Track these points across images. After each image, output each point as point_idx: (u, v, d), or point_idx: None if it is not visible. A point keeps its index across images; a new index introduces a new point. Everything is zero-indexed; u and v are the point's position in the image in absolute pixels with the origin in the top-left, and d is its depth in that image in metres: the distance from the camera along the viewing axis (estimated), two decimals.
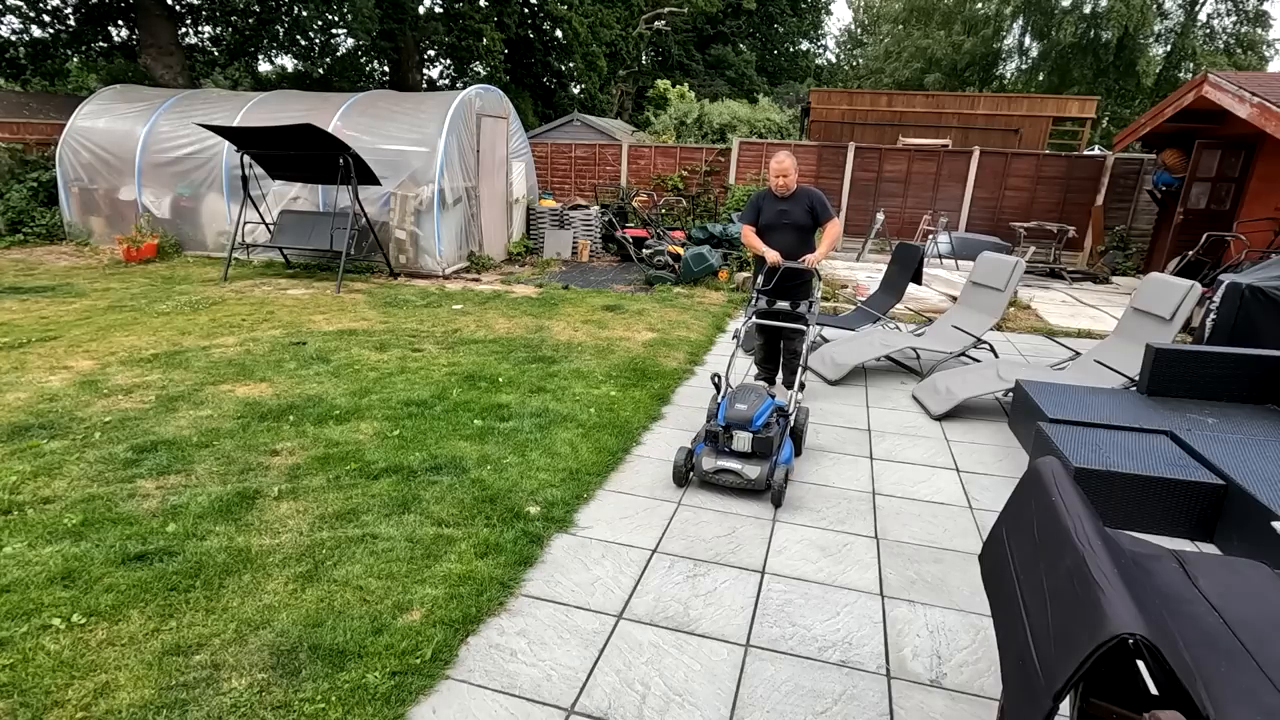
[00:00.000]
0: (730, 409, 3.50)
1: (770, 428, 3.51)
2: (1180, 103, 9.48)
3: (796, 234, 4.69)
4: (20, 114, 13.53)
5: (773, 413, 3.61)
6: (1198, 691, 1.31)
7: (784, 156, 4.59)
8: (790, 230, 4.68)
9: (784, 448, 3.62)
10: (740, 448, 3.46)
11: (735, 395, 3.59)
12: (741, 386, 3.71)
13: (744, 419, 3.43)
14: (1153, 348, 4.24)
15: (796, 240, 4.68)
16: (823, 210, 4.68)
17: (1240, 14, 27.02)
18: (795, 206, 4.66)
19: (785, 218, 4.68)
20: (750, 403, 3.51)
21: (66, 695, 2.07)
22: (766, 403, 3.56)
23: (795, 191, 4.69)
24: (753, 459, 3.45)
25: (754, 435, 3.42)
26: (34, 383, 4.64)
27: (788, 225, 4.68)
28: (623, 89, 30.06)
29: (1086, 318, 7.93)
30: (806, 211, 4.65)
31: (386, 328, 6.43)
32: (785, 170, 4.59)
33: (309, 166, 8.35)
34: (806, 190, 4.74)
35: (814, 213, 4.66)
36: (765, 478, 3.40)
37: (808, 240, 4.72)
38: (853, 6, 40.93)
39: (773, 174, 4.65)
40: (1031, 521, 1.75)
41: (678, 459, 3.53)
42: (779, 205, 4.69)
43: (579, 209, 11.42)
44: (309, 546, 2.88)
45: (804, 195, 4.69)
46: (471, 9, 20.77)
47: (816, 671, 2.33)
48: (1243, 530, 3.00)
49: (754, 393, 3.59)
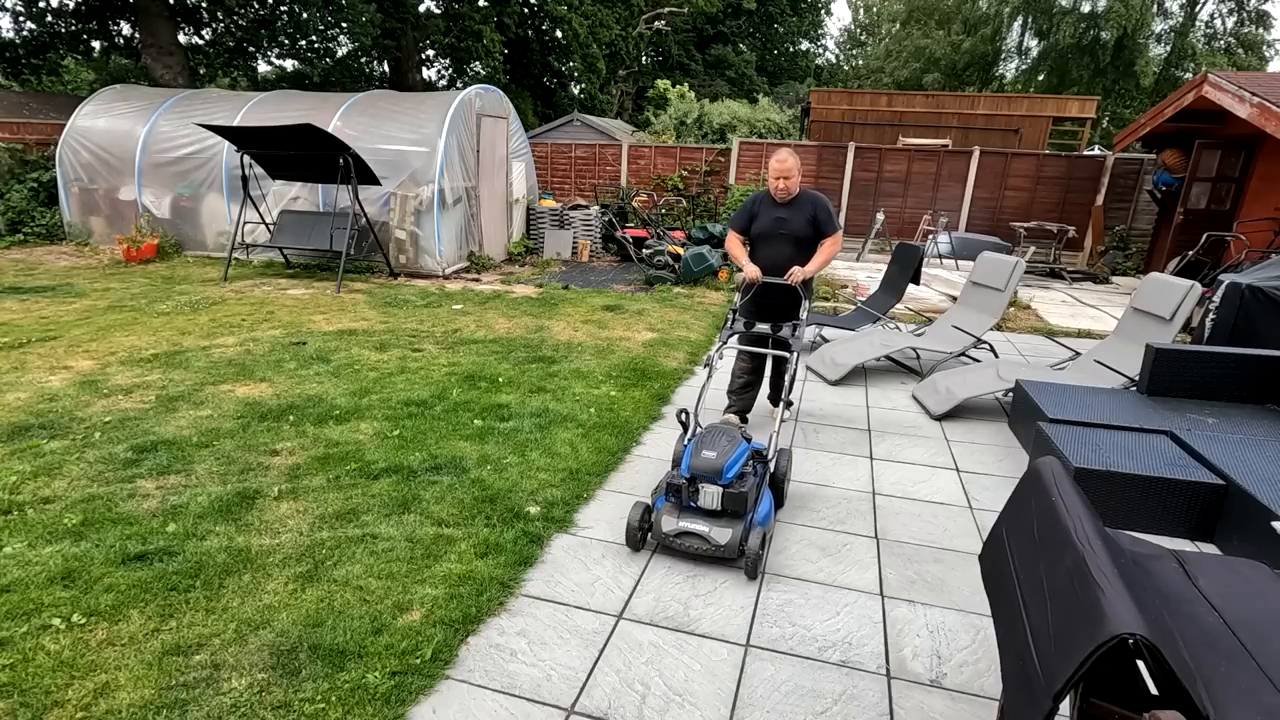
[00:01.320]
0: (696, 456, 2.89)
1: (745, 479, 2.93)
2: (1180, 103, 9.49)
3: (794, 247, 4.00)
4: (20, 114, 13.54)
5: (748, 460, 3.02)
6: (1198, 691, 1.31)
7: (786, 155, 3.92)
8: (787, 242, 4.01)
9: (762, 502, 3.02)
10: (708, 504, 2.87)
11: (703, 439, 3.00)
12: (711, 428, 3.11)
13: (712, 469, 2.83)
14: (1153, 348, 4.24)
15: (793, 254, 4.00)
16: (827, 221, 4.01)
17: (1241, 14, 27.03)
18: (796, 214, 4.00)
19: (783, 226, 4.00)
20: (721, 448, 2.92)
21: (66, 695, 2.07)
22: (741, 448, 2.97)
23: (798, 197, 4.03)
24: (723, 518, 2.88)
25: (724, 490, 2.84)
26: (34, 383, 4.64)
27: (785, 236, 4.01)
28: (623, 89, 30.07)
29: (1086, 318, 7.93)
30: (808, 221, 3.99)
31: (386, 328, 6.43)
32: (787, 171, 3.92)
33: (309, 166, 8.35)
34: (811, 196, 4.06)
35: (816, 223, 4.00)
36: (738, 543, 2.79)
37: (807, 255, 4.01)
38: (853, 6, 40.94)
39: (773, 175, 3.96)
40: (1031, 521, 1.75)
41: (632, 517, 2.91)
42: (777, 211, 4.03)
43: (579, 209, 11.42)
44: (309, 546, 2.88)
45: (807, 201, 4.02)
46: (471, 9, 20.77)
47: (816, 671, 2.33)
48: (1243, 530, 3.00)
49: (726, 436, 3.01)
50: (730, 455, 2.90)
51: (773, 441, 3.31)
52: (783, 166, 3.93)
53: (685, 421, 3.25)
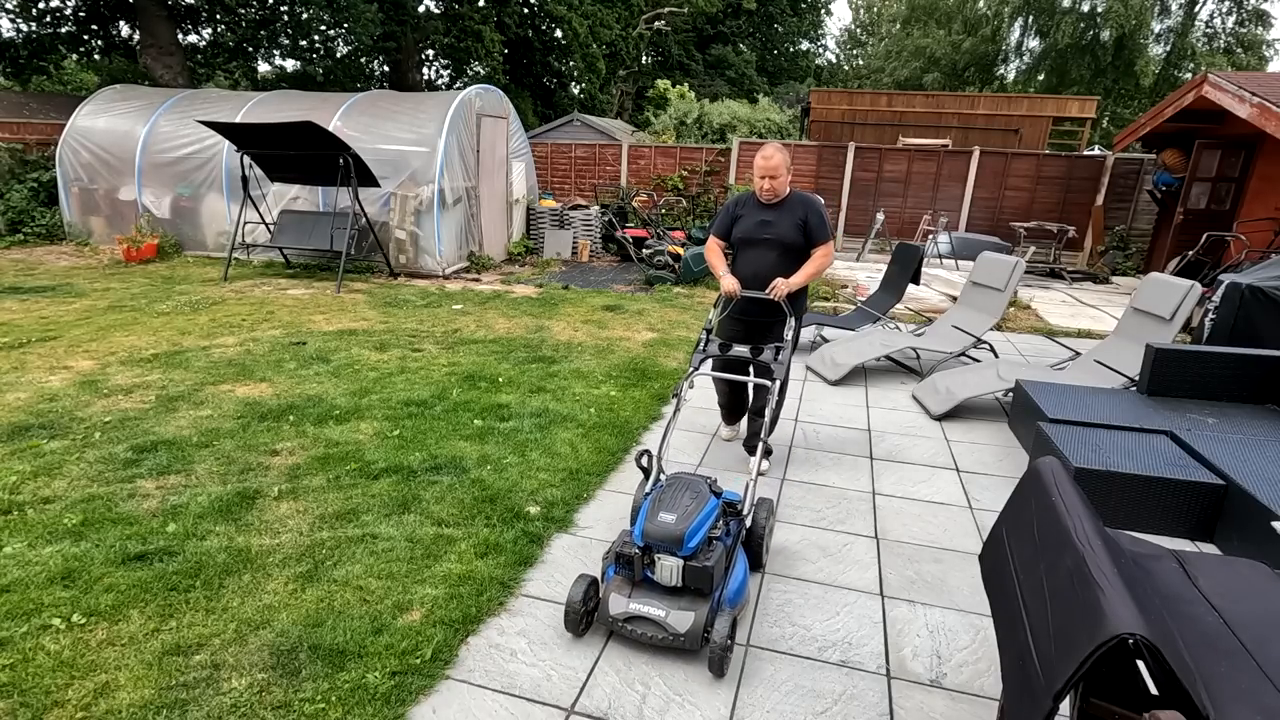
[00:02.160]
0: (651, 520, 2.35)
1: (712, 548, 2.38)
2: (1180, 103, 9.49)
3: (780, 255, 3.51)
4: (20, 114, 13.53)
5: (716, 521, 2.48)
6: (1198, 691, 1.31)
7: (773, 151, 3.43)
8: (771, 249, 3.52)
9: (734, 572, 2.50)
10: (665, 579, 2.32)
11: (661, 497, 2.45)
12: (674, 480, 2.56)
13: (671, 537, 2.29)
14: (1153, 348, 4.23)
15: (779, 263, 3.50)
16: (818, 227, 3.51)
17: (1240, 14, 27.02)
18: (783, 218, 3.50)
19: (767, 231, 3.51)
20: (682, 509, 2.37)
21: (66, 695, 2.07)
22: (708, 507, 2.44)
23: (786, 198, 3.54)
24: (684, 597, 2.33)
25: (686, 563, 2.30)
26: (34, 383, 4.64)
27: (770, 242, 3.51)
28: (623, 89, 30.07)
29: (1086, 318, 7.93)
30: (797, 226, 3.49)
31: (386, 328, 6.43)
32: (774, 169, 3.42)
33: (308, 167, 8.35)
34: (802, 198, 3.57)
35: (807, 229, 3.50)
36: (701, 630, 2.25)
37: (795, 266, 3.50)
38: (853, 6, 40.95)
39: (757, 173, 3.48)
40: (1031, 521, 1.75)
41: (573, 595, 2.38)
42: (761, 214, 3.54)
43: (579, 209, 11.42)
44: (309, 546, 2.88)
45: (797, 204, 3.53)
46: (471, 9, 20.78)
47: (816, 671, 2.33)
48: (1243, 530, 3.00)
49: (690, 491, 2.47)
50: (694, 518, 2.35)
51: (749, 492, 2.76)
52: (768, 164, 3.43)
53: (646, 467, 2.76)
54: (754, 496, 2.79)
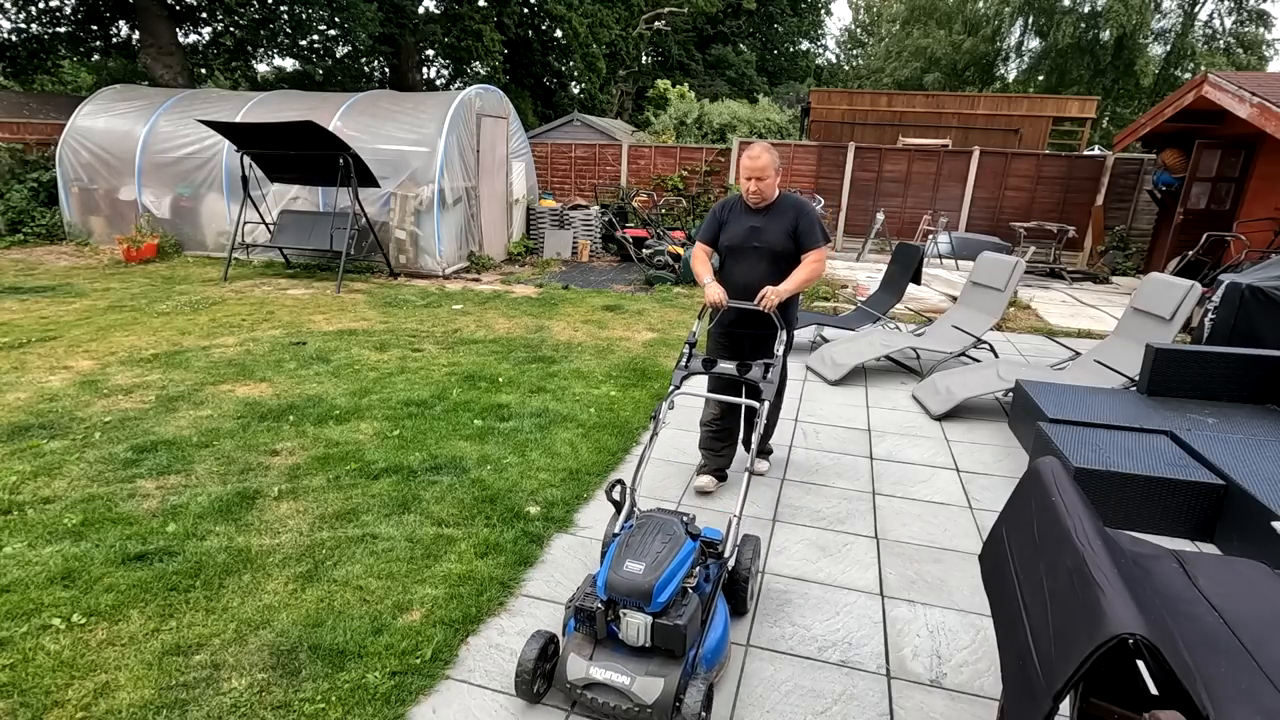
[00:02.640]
0: (616, 568, 2.05)
1: (686, 600, 2.07)
2: (1180, 103, 9.49)
3: (769, 264, 3.28)
4: (20, 114, 13.54)
5: (693, 567, 2.20)
6: (1198, 691, 1.31)
7: (760, 151, 3.17)
8: (760, 257, 3.29)
9: (713, 624, 2.20)
10: (632, 638, 2.03)
11: (629, 541, 2.14)
12: (646, 520, 2.25)
13: (639, 590, 1.99)
14: (1153, 348, 4.24)
15: (768, 272, 3.26)
16: (809, 232, 3.25)
17: (1240, 14, 27.02)
18: (773, 223, 3.26)
19: (756, 238, 3.28)
20: (653, 556, 2.07)
21: (66, 695, 2.07)
22: (682, 551, 2.13)
23: (776, 202, 3.29)
24: (653, 659, 2.03)
25: (655, 620, 2.00)
26: (34, 383, 4.64)
27: (759, 249, 3.28)
28: (623, 89, 30.06)
29: (1086, 318, 7.93)
30: (787, 232, 3.25)
31: (386, 328, 6.43)
32: (761, 169, 3.16)
33: (308, 167, 8.35)
34: (793, 201, 3.32)
35: (797, 234, 3.25)
36: (671, 701, 1.95)
37: (788, 274, 3.24)
38: (853, 6, 40.95)
39: (744, 174, 3.22)
40: (1031, 521, 1.75)
41: (525, 655, 2.08)
42: (749, 220, 3.30)
43: (579, 209, 11.42)
44: (309, 546, 2.88)
45: (787, 207, 3.29)
46: (471, 9, 20.77)
47: (816, 671, 2.33)
48: (1243, 530, 3.00)
49: (662, 533, 2.16)
50: (665, 566, 2.04)
51: (732, 529, 2.43)
52: (755, 164, 3.17)
53: (618, 500, 2.45)
54: (738, 535, 2.47)
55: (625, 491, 2.48)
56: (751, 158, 3.18)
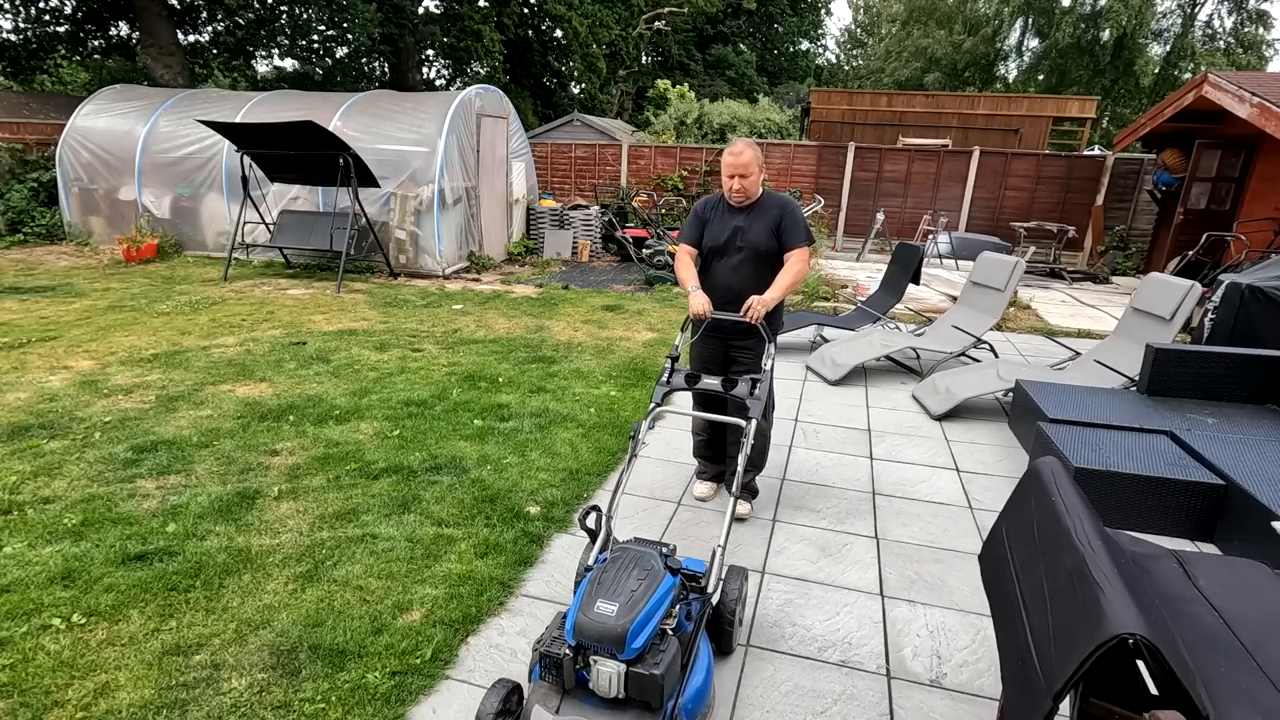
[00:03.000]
0: (586, 610, 1.84)
1: (664, 644, 1.88)
2: (1180, 103, 9.49)
3: (755, 266, 3.10)
4: (20, 114, 13.54)
5: (673, 605, 1.99)
6: (1197, 691, 1.31)
7: (743, 147, 3.02)
8: (746, 260, 3.10)
9: (695, 668, 1.98)
10: (603, 688, 1.82)
11: (602, 575, 1.94)
12: (621, 554, 2.04)
13: (611, 635, 1.78)
14: (1153, 348, 4.24)
15: (754, 275, 3.09)
16: (792, 230, 3.06)
17: (1240, 14, 27.02)
18: (757, 223, 3.09)
19: (740, 239, 3.10)
20: (626, 595, 1.86)
21: (66, 695, 2.07)
22: (660, 589, 1.92)
23: (760, 200, 3.13)
24: (627, 711, 1.83)
25: (628, 668, 1.80)
26: (34, 383, 4.64)
27: (743, 251, 3.10)
28: (623, 89, 30.07)
29: (1086, 318, 7.93)
30: (771, 231, 3.08)
31: (386, 328, 6.43)
32: (744, 166, 3.00)
33: (308, 167, 8.35)
34: (778, 200, 3.15)
35: (780, 233, 3.08)
36: None
37: (774, 275, 3.08)
38: (853, 6, 40.94)
39: (726, 171, 3.06)
40: (1031, 521, 1.75)
41: (484, 709, 1.84)
42: (732, 220, 3.12)
43: (579, 209, 11.43)
44: (309, 546, 2.88)
45: (772, 206, 3.11)
46: (471, 9, 20.77)
47: (816, 671, 2.33)
48: (1243, 530, 3.00)
49: (638, 568, 1.97)
50: (641, 607, 1.83)
51: (716, 561, 2.21)
52: (738, 161, 3.00)
53: (593, 529, 2.26)
54: (722, 567, 2.24)
55: (601, 519, 2.27)
56: (734, 154, 3.02)
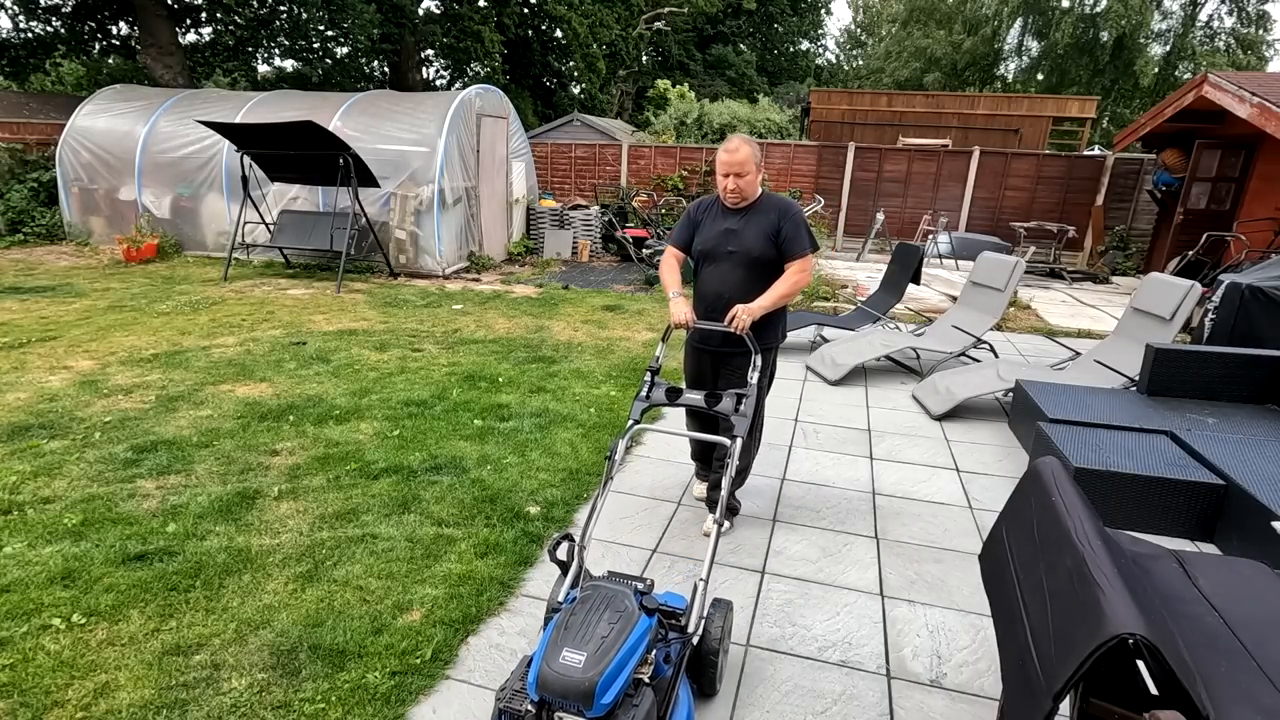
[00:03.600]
0: (550, 661, 1.61)
1: (638, 697, 1.67)
2: (1180, 103, 9.49)
3: (747, 272, 2.88)
4: (20, 114, 13.53)
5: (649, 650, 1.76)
6: (1197, 691, 1.31)
7: (739, 144, 2.80)
8: (736, 265, 2.89)
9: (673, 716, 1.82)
10: None
11: (569, 619, 1.71)
12: (590, 593, 1.80)
13: (578, 690, 1.56)
14: (1153, 348, 4.24)
15: (746, 281, 2.87)
16: (793, 236, 2.84)
17: (1240, 14, 27.02)
18: (752, 226, 2.87)
19: (731, 242, 2.88)
20: (596, 642, 1.63)
21: (66, 695, 2.07)
22: (634, 634, 1.69)
23: (757, 202, 2.91)
24: None
25: None
26: (34, 383, 4.64)
27: (735, 256, 2.88)
28: (623, 89, 30.07)
29: (1086, 318, 7.93)
30: (768, 236, 2.85)
31: (386, 328, 6.43)
32: (740, 164, 2.78)
33: (308, 167, 8.35)
34: (777, 202, 2.93)
35: (780, 239, 2.85)
36: None
37: (765, 285, 2.85)
38: (853, 6, 40.94)
39: (720, 170, 2.83)
40: (1032, 521, 1.75)
41: None
42: (725, 222, 2.91)
43: (579, 209, 11.42)
44: (309, 546, 2.88)
45: (769, 208, 2.89)
46: (471, 9, 20.77)
47: (816, 671, 2.33)
48: (1243, 530, 3.00)
49: (609, 610, 1.73)
50: (611, 656, 1.61)
51: (698, 595, 2.02)
52: (734, 158, 2.77)
53: (565, 560, 2.02)
54: (705, 603, 2.04)
55: (574, 550, 2.03)
56: (729, 151, 2.78)
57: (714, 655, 2.08)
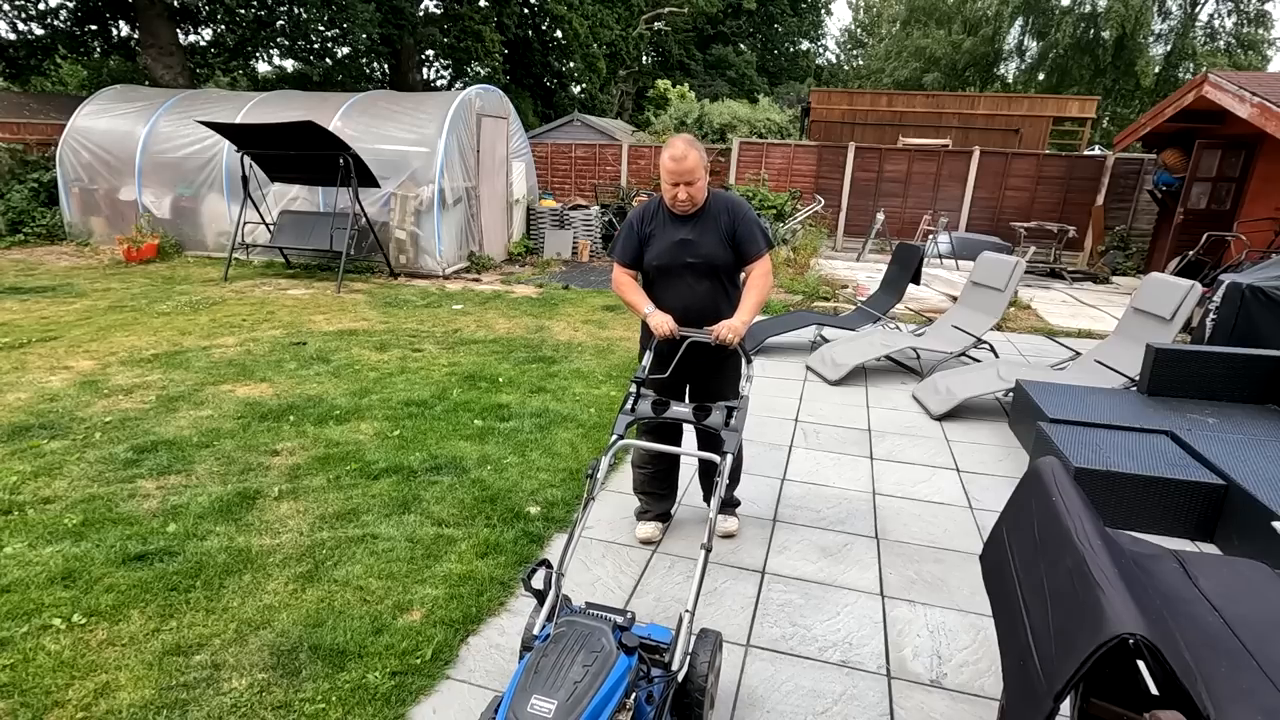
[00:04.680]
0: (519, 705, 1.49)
1: None
2: (1180, 103, 9.49)
3: (713, 282, 2.75)
4: (20, 114, 13.54)
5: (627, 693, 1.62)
6: (1198, 691, 1.31)
7: (684, 148, 2.56)
8: (699, 276, 2.73)
9: None
10: None
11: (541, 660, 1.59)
12: (565, 630, 1.67)
13: None
14: (1153, 348, 4.24)
15: (711, 293, 2.74)
16: (748, 236, 2.70)
17: (1241, 14, 27.02)
18: (706, 232, 2.69)
19: (690, 252, 2.69)
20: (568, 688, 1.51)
21: (67, 695, 2.07)
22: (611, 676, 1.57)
23: (705, 207, 2.71)
24: None
25: None
26: (34, 383, 4.64)
27: (696, 267, 2.71)
28: (623, 89, 30.08)
29: (1086, 318, 7.93)
30: (723, 240, 2.70)
31: (386, 328, 6.43)
32: (689, 171, 2.57)
33: (308, 167, 8.35)
34: (726, 202, 2.74)
35: (736, 240, 2.70)
36: None
37: (729, 291, 2.78)
38: (853, 6, 40.95)
39: (668, 179, 2.61)
40: (1032, 521, 1.75)
41: None
42: (678, 232, 2.70)
43: (579, 209, 11.42)
44: (309, 547, 2.88)
45: (719, 210, 2.71)
46: (471, 10, 20.78)
47: (816, 671, 2.33)
48: (1243, 530, 3.00)
49: (584, 650, 1.60)
50: (586, 703, 1.49)
51: (683, 629, 1.84)
52: (682, 166, 2.56)
53: (541, 590, 1.90)
54: (690, 638, 1.87)
55: (551, 579, 1.90)
56: (676, 159, 2.55)
57: (700, 694, 1.86)
